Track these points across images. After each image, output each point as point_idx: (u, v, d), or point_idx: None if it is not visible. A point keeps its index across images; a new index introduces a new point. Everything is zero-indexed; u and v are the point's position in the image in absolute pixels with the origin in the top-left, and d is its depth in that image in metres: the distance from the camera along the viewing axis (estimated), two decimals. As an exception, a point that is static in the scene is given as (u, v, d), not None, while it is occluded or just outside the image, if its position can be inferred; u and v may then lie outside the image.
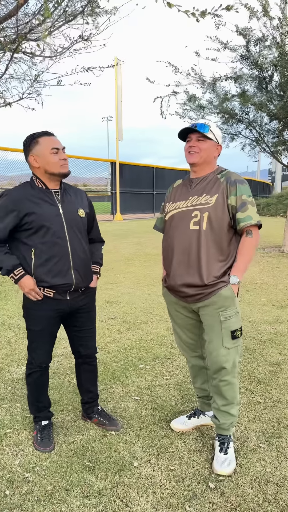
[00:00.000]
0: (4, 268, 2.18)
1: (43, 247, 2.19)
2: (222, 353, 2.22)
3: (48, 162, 2.21)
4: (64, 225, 2.24)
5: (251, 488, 2.06)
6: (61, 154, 2.24)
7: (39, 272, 2.21)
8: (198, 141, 2.23)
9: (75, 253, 2.27)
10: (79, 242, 2.31)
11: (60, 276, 2.23)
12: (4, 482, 2.07)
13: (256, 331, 4.37)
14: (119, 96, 17.88)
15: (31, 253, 2.20)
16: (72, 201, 2.34)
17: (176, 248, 2.27)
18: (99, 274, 2.53)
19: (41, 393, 2.46)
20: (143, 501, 1.96)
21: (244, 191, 2.18)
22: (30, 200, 2.20)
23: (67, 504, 1.93)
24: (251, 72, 9.03)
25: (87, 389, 2.62)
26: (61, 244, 2.22)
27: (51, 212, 2.22)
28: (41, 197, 2.23)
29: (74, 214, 2.31)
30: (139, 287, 6.29)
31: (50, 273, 2.21)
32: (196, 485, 2.08)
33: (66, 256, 2.24)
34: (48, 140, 2.22)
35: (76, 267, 2.28)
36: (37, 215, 2.17)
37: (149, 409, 2.78)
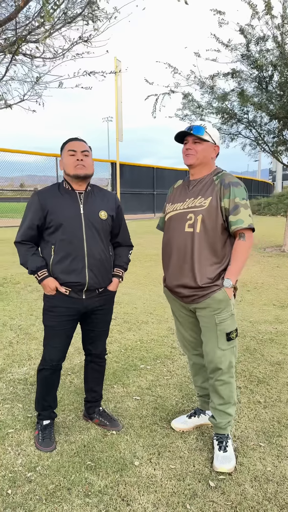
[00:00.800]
0: (30, 269, 2.31)
1: (61, 245, 2.28)
2: (217, 354, 2.24)
3: (65, 163, 2.33)
4: (83, 225, 2.30)
5: (251, 487, 2.08)
6: (79, 155, 2.31)
7: (56, 268, 2.30)
8: (194, 143, 2.24)
9: (91, 253, 2.31)
10: (97, 243, 2.34)
11: (74, 274, 2.29)
12: (6, 481, 2.09)
13: (257, 330, 4.38)
14: (119, 97, 17.90)
15: (51, 250, 2.30)
16: (96, 203, 2.39)
17: (173, 250, 2.30)
18: (122, 278, 2.54)
19: (48, 392, 2.48)
20: (144, 499, 1.98)
21: (237, 194, 2.18)
22: (54, 199, 2.32)
23: (68, 503, 1.95)
24: (251, 72, 9.04)
25: (91, 389, 2.64)
26: (77, 243, 2.28)
27: (71, 212, 2.30)
28: (65, 197, 2.34)
29: (95, 215, 2.35)
30: (139, 287, 6.31)
31: (65, 270, 2.29)
32: (197, 484, 2.09)
33: (81, 255, 2.29)
34: (71, 143, 2.35)
35: (91, 267, 2.32)
36: (57, 214, 2.28)
37: (150, 409, 2.80)
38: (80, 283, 2.31)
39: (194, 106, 9.89)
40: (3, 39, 4.50)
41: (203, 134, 2.21)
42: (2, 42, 4.43)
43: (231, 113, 9.70)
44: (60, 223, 2.27)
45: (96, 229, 2.35)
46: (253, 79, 9.03)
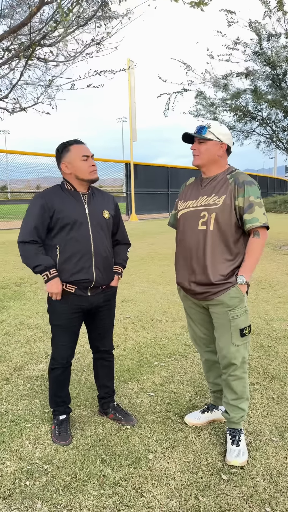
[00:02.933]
0: (43, 265, 2.31)
1: (68, 244, 2.33)
2: (231, 350, 2.27)
3: (79, 168, 2.35)
4: (89, 224, 2.38)
5: (263, 480, 2.11)
6: (91, 161, 2.38)
7: (63, 267, 2.35)
8: (199, 144, 2.30)
9: (98, 251, 2.40)
10: (102, 242, 2.43)
11: (83, 272, 2.36)
12: (24, 473, 2.17)
13: (271, 328, 4.38)
14: (133, 97, 17.98)
15: (56, 250, 2.35)
16: (98, 203, 2.48)
17: (185, 247, 2.34)
18: (121, 275, 2.63)
19: (60, 389, 2.55)
20: (158, 491, 2.03)
21: (252, 193, 2.21)
22: (61, 200, 2.36)
23: (84, 494, 2.01)
24: (264, 69, 9.00)
25: (103, 385, 2.70)
26: (85, 242, 2.36)
27: (78, 212, 2.37)
28: (69, 197, 2.39)
29: (99, 215, 2.44)
30: (154, 286, 6.36)
31: (73, 268, 2.35)
32: (209, 476, 2.13)
33: (89, 253, 2.37)
34: (79, 148, 2.36)
35: (97, 265, 2.40)
36: (64, 213, 2.33)
37: (163, 405, 2.84)
38: (88, 280, 2.38)
39: (207, 103, 9.90)
40: (17, 44, 4.61)
41: (206, 134, 2.25)
42: (17, 47, 4.53)
43: (245, 110, 9.67)
44: (67, 222, 2.33)
45: (101, 228, 2.44)
46: (266, 76, 8.99)
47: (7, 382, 3.20)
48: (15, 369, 3.42)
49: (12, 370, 3.40)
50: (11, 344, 3.97)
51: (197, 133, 2.28)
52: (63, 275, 2.36)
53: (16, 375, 3.31)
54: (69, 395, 2.61)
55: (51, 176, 19.92)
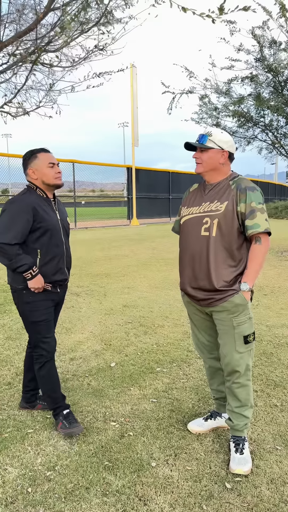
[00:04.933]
0: (28, 265, 2.42)
1: (48, 248, 2.52)
2: (235, 357, 2.26)
3: (45, 174, 2.53)
4: (61, 229, 2.61)
5: (268, 489, 2.09)
6: (56, 168, 2.57)
7: (44, 269, 2.52)
8: (201, 152, 2.31)
9: (68, 254, 2.69)
10: (68, 244, 2.71)
11: (60, 273, 2.61)
12: (26, 480, 2.15)
13: (273, 334, 4.37)
14: (135, 102, 18.05)
15: (37, 253, 2.50)
16: (63, 209, 2.73)
17: (189, 253, 2.34)
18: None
19: (55, 383, 2.63)
20: (161, 500, 2.01)
21: (254, 198, 2.21)
22: (40, 207, 2.50)
23: (87, 502, 1.99)
24: (266, 76, 9.04)
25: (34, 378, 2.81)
26: (60, 246, 2.59)
27: (54, 218, 2.57)
28: (46, 205, 2.56)
29: (65, 220, 2.71)
30: (155, 291, 6.35)
31: (53, 270, 2.56)
32: (213, 485, 2.11)
33: (62, 256, 2.62)
34: (46, 156, 2.54)
35: (67, 265, 2.69)
36: (45, 220, 2.49)
37: (166, 411, 2.83)
38: (65, 279, 2.66)
39: (210, 108, 9.93)
40: (24, 49, 4.63)
41: (206, 142, 2.26)
42: (23, 52, 4.55)
43: (247, 116, 9.70)
44: (48, 228, 2.50)
45: (67, 233, 2.71)
46: (268, 83, 9.03)
47: (9, 387, 3.18)
48: (17, 374, 3.41)
49: (13, 375, 3.39)
50: (13, 348, 3.96)
51: (198, 142, 2.29)
52: (44, 278, 2.51)
53: (18, 380, 3.30)
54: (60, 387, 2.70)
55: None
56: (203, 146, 2.26)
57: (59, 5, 4.29)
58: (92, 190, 42.60)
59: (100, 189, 42.61)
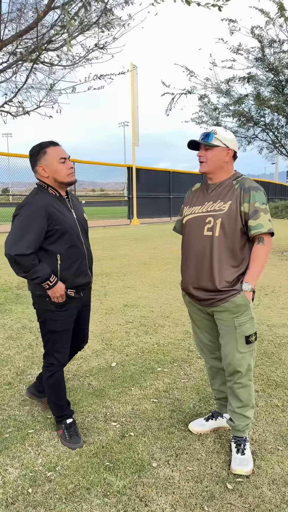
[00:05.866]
0: (43, 277, 2.22)
1: (68, 251, 2.31)
2: (236, 357, 2.25)
3: (57, 171, 2.30)
4: (79, 228, 2.40)
5: (269, 490, 2.08)
6: (68, 163, 2.33)
7: (65, 274, 2.34)
8: (205, 150, 2.27)
9: (89, 254, 2.48)
10: (88, 243, 2.51)
11: (82, 276, 2.41)
12: (27, 481, 2.14)
13: (275, 334, 4.36)
14: (135, 102, 18.03)
15: (57, 258, 2.30)
16: (79, 206, 2.51)
17: (191, 253, 2.32)
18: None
19: (62, 392, 2.55)
20: (162, 500, 2.00)
21: (257, 199, 2.19)
22: (54, 207, 2.28)
23: (88, 503, 1.98)
24: (266, 75, 9.03)
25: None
26: (80, 247, 2.39)
27: (70, 217, 2.35)
28: (60, 204, 2.34)
29: (82, 217, 2.49)
30: (156, 291, 6.34)
31: (75, 274, 2.37)
32: (214, 486, 2.10)
33: (84, 257, 2.41)
34: (56, 150, 2.30)
35: (90, 266, 2.49)
36: (61, 222, 2.28)
37: (167, 411, 2.82)
38: (88, 282, 2.47)
39: (210, 108, 9.92)
40: (24, 48, 4.62)
41: (212, 140, 2.24)
42: (23, 51, 4.54)
43: (248, 116, 9.69)
44: (66, 230, 2.29)
45: (86, 230, 2.51)
46: (269, 82, 9.01)
47: (9, 387, 3.17)
48: (17, 374, 3.40)
49: (14, 375, 3.38)
50: (13, 348, 3.95)
51: (203, 139, 2.26)
52: (66, 282, 2.34)
53: (19, 380, 3.29)
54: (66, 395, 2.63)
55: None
56: (209, 144, 2.24)
57: (60, 4, 4.28)
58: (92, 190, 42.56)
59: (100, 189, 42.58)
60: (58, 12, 4.53)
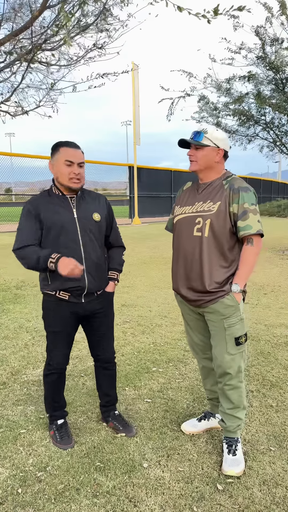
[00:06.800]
0: (42, 257, 2.18)
1: (57, 250, 2.23)
2: (226, 359, 2.24)
3: (60, 172, 2.28)
4: (78, 229, 2.31)
5: (260, 491, 2.07)
6: (75, 168, 2.27)
7: (54, 275, 2.26)
8: (196, 150, 2.25)
9: (89, 257, 2.33)
10: (93, 246, 2.36)
11: (74, 279, 2.27)
12: (17, 481, 2.14)
13: (272, 334, 4.34)
14: (137, 101, 18.01)
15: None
16: (88, 206, 2.40)
17: (181, 253, 2.31)
18: (117, 280, 2.55)
19: (57, 394, 2.53)
20: (151, 501, 1.99)
21: (246, 199, 2.17)
22: (47, 206, 2.30)
23: (77, 503, 1.98)
24: (267, 74, 8.98)
25: (105, 393, 2.66)
26: (75, 247, 2.29)
27: (66, 217, 2.30)
28: (57, 203, 2.32)
29: (89, 218, 2.36)
30: (155, 290, 6.33)
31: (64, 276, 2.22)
32: (205, 486, 2.10)
33: (79, 259, 2.27)
34: (66, 151, 2.27)
35: (89, 270, 2.33)
36: (52, 220, 2.26)
37: (160, 412, 2.81)
38: (80, 287, 2.32)
39: (210, 108, 9.88)
40: (19, 47, 4.61)
41: (202, 140, 2.21)
42: (19, 51, 4.54)
43: (248, 114, 9.65)
44: (54, 228, 2.26)
45: (92, 232, 2.36)
46: (269, 81, 8.97)
47: (3, 387, 3.17)
48: (12, 374, 3.40)
49: (9, 375, 3.38)
50: (9, 348, 3.95)
51: (193, 138, 2.24)
52: (54, 283, 2.30)
53: (13, 380, 3.29)
54: (64, 398, 2.59)
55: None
56: (199, 143, 2.22)
57: (55, 3, 4.27)
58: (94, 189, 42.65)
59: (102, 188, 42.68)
60: (53, 11, 4.52)
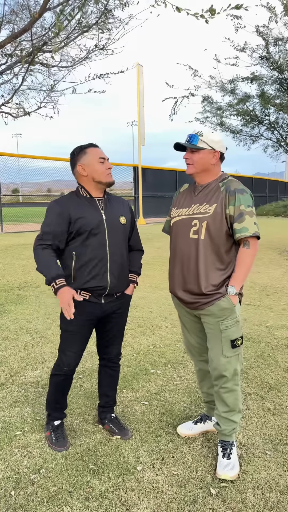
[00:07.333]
0: (47, 278, 2.21)
1: (84, 250, 2.30)
2: (222, 362, 2.22)
3: (96, 170, 2.34)
4: (106, 230, 2.36)
5: (253, 495, 2.05)
6: (107, 163, 2.38)
7: (79, 273, 2.32)
8: (191, 153, 2.24)
9: (113, 258, 2.37)
10: (118, 248, 2.41)
11: (97, 279, 2.33)
12: (10, 483, 2.14)
13: (273, 336, 4.31)
14: (141, 101, 18.01)
15: (72, 256, 2.31)
16: (115, 209, 2.46)
17: (177, 255, 2.31)
18: (136, 283, 2.59)
19: (61, 395, 2.53)
20: (144, 505, 1.98)
21: (243, 201, 2.16)
22: (75, 207, 2.33)
23: (69, 506, 1.98)
24: (271, 74, 8.94)
25: (104, 393, 2.66)
26: (101, 248, 2.34)
27: (95, 218, 2.34)
28: (86, 204, 2.37)
29: (116, 220, 2.42)
30: (157, 291, 6.32)
31: (88, 275, 2.32)
32: (198, 490, 2.08)
33: (104, 260, 2.34)
34: (95, 150, 2.37)
35: (112, 271, 2.37)
36: (81, 220, 2.30)
37: (157, 414, 2.80)
38: (103, 287, 2.35)
39: (214, 108, 9.86)
40: (19, 49, 4.63)
41: (197, 143, 2.20)
42: (19, 53, 4.55)
43: (252, 114, 9.61)
44: (85, 229, 2.30)
45: (118, 234, 2.41)
46: (273, 81, 8.92)
47: (1, 388, 3.18)
48: (11, 375, 3.41)
49: (7, 376, 3.39)
50: (9, 349, 3.96)
51: (189, 142, 2.23)
52: (77, 282, 2.33)
53: (11, 381, 3.30)
54: (66, 401, 2.59)
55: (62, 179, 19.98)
56: (195, 147, 2.21)
57: (55, 5, 4.28)
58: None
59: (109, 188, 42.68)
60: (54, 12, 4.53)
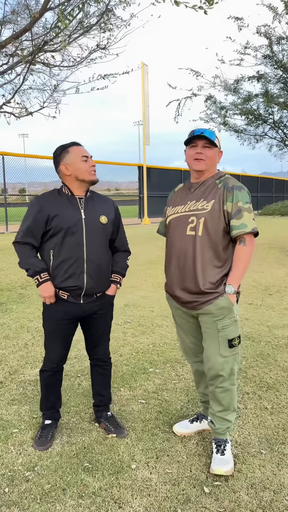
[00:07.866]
0: (33, 269, 2.30)
1: (61, 249, 2.31)
2: (219, 361, 2.21)
3: (79, 169, 2.34)
4: (84, 230, 2.34)
5: (247, 494, 2.04)
6: (90, 161, 2.39)
7: (56, 273, 2.34)
8: (204, 148, 2.20)
9: (90, 258, 2.35)
10: (97, 248, 2.39)
11: (73, 279, 2.33)
12: (5, 480, 2.15)
13: (273, 335, 4.29)
14: (146, 101, 18.01)
15: (50, 254, 2.33)
16: (96, 208, 2.44)
17: (174, 253, 2.30)
18: (120, 284, 2.57)
19: (50, 393, 2.54)
20: (137, 503, 1.98)
21: (240, 198, 2.15)
22: (55, 204, 2.34)
23: (62, 503, 1.98)
24: (275, 73, 8.90)
25: (98, 392, 2.67)
26: (78, 247, 2.32)
27: (73, 216, 2.33)
28: (65, 202, 2.37)
29: (96, 220, 2.40)
30: (158, 290, 6.31)
31: (64, 274, 2.32)
32: (191, 489, 2.08)
33: (80, 259, 2.33)
34: (78, 149, 2.37)
35: (89, 272, 2.36)
36: (59, 218, 2.30)
37: (153, 413, 2.80)
38: (78, 287, 2.35)
39: (218, 107, 9.84)
40: (20, 49, 4.65)
41: (215, 139, 2.19)
42: (20, 53, 4.58)
43: (256, 114, 9.58)
44: (61, 227, 2.30)
45: (97, 234, 2.39)
46: (277, 80, 8.89)
47: (0, 386, 3.20)
48: (10, 373, 3.42)
49: (6, 374, 3.41)
50: (9, 347, 3.99)
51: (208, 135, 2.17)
52: (55, 281, 2.35)
53: (10, 379, 3.31)
54: (59, 400, 2.60)
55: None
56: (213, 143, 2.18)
57: (57, 4, 4.29)
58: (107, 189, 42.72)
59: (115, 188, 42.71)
60: (55, 12, 4.54)
